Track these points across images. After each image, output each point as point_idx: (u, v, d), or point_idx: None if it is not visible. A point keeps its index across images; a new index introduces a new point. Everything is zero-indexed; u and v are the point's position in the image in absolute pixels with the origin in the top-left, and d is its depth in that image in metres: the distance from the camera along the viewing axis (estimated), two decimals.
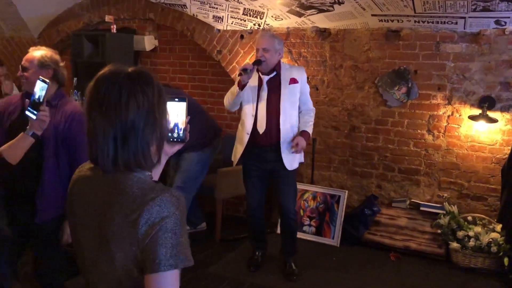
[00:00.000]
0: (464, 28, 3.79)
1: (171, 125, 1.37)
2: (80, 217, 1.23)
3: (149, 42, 5.19)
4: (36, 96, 1.98)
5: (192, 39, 4.96)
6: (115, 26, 4.82)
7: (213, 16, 4.57)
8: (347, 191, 4.30)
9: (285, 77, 3.39)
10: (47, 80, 1.99)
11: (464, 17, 3.64)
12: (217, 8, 4.41)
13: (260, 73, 3.42)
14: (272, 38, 3.39)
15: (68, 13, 5.62)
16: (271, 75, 3.40)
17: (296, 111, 3.43)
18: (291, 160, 3.41)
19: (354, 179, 4.43)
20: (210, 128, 3.98)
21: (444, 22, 3.78)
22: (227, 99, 3.49)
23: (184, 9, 4.58)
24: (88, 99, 1.18)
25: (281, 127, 3.34)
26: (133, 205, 1.11)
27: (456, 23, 3.74)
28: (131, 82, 1.17)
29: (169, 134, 1.36)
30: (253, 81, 3.40)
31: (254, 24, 4.54)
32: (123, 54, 4.83)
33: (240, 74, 3.24)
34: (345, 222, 4.17)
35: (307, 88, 3.50)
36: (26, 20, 5.49)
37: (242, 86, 3.32)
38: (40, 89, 1.98)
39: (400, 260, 3.89)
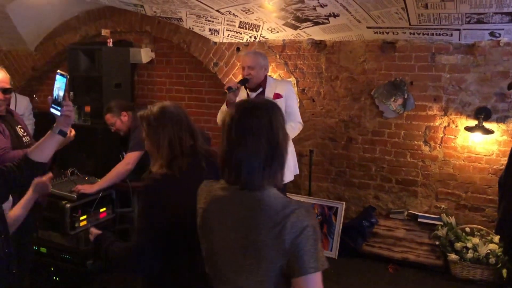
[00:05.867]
0: (459, 40, 3.80)
1: None
2: (218, 233, 1.38)
3: (145, 54, 5.20)
4: (57, 92, 1.90)
5: (188, 51, 4.98)
6: (111, 40, 4.83)
7: (209, 29, 4.58)
8: (344, 203, 4.30)
9: (268, 93, 3.46)
10: (65, 73, 1.91)
11: (459, 29, 3.66)
12: (213, 22, 4.43)
13: (248, 90, 3.50)
14: (256, 55, 3.52)
15: (65, 26, 5.64)
16: (258, 91, 3.49)
17: None
18: None
19: (351, 191, 4.42)
20: None
21: (439, 34, 3.80)
22: (219, 117, 3.54)
23: (180, 22, 4.59)
24: (240, 126, 1.37)
25: None
26: (276, 218, 1.28)
27: (451, 34, 3.76)
28: (276, 111, 1.40)
29: None
30: (242, 98, 3.44)
31: (250, 37, 4.55)
32: (120, 67, 4.83)
33: (225, 93, 3.32)
34: (343, 234, 4.17)
35: (292, 102, 3.52)
36: (22, 34, 5.50)
37: (230, 104, 3.36)
38: (59, 84, 1.90)
39: (399, 272, 3.88)
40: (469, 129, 3.82)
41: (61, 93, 1.89)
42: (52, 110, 1.91)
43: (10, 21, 5.16)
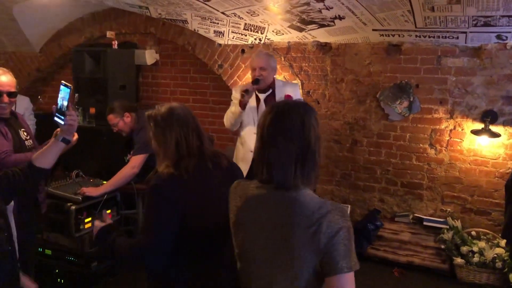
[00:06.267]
0: (465, 43, 3.78)
1: None
2: (251, 231, 1.43)
3: (150, 56, 5.20)
4: (61, 102, 1.98)
5: (193, 53, 4.97)
6: (116, 42, 4.83)
7: (214, 31, 4.58)
8: (349, 206, 4.28)
9: (279, 94, 3.48)
10: (69, 84, 1.99)
11: (465, 32, 3.64)
12: (218, 24, 4.42)
13: (256, 92, 3.50)
14: (268, 56, 3.54)
15: (70, 27, 5.65)
16: (267, 93, 3.50)
17: None
18: None
19: (356, 193, 4.41)
20: None
21: (445, 36, 3.78)
22: (228, 120, 3.54)
23: (185, 24, 4.59)
24: (272, 127, 1.41)
25: None
26: (312, 218, 1.31)
27: (457, 37, 3.74)
28: (309, 113, 1.42)
29: None
30: (251, 101, 3.48)
31: (255, 39, 4.54)
32: (125, 69, 4.84)
33: (242, 95, 3.32)
34: None
35: None
36: (28, 35, 5.51)
37: (244, 106, 3.37)
38: (63, 94, 1.98)
39: (404, 275, 3.85)
40: (475, 132, 3.80)
41: (65, 103, 1.96)
42: (56, 119, 1.99)
43: (16, 22, 5.18)
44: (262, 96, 3.50)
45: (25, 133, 2.78)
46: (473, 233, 3.79)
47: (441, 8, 3.35)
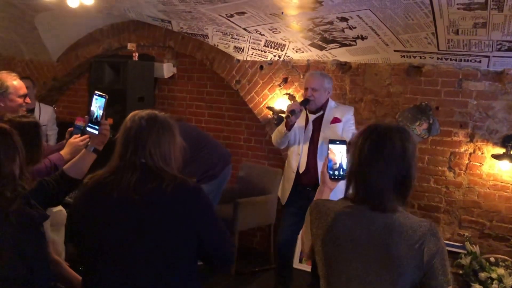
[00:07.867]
0: (488, 67, 3.78)
1: (337, 165, 1.67)
2: (347, 250, 1.45)
3: (167, 69, 5.23)
4: (96, 112, 2.00)
5: (211, 68, 4.99)
6: (137, 54, 4.86)
7: (234, 47, 4.60)
8: None
9: (328, 116, 3.38)
10: (104, 94, 2.01)
11: (488, 56, 3.64)
12: (238, 39, 4.45)
13: (307, 112, 3.42)
14: (321, 77, 3.42)
15: (88, 38, 5.69)
16: (318, 114, 3.41)
17: None
18: None
19: None
20: (219, 158, 3.88)
21: (468, 60, 3.78)
22: (275, 138, 3.48)
23: (206, 39, 4.62)
24: (372, 149, 1.46)
25: (318, 167, 3.28)
26: (415, 236, 1.39)
27: (480, 61, 3.74)
28: (410, 140, 1.49)
29: (331, 172, 1.67)
30: (300, 120, 3.39)
31: (274, 56, 4.56)
32: (143, 81, 4.86)
33: (288, 116, 3.22)
34: None
35: (349, 128, 3.37)
36: (47, 45, 5.56)
37: (290, 127, 3.30)
38: (98, 104, 2.00)
39: None
40: (496, 156, 3.76)
41: (101, 113, 2.00)
42: (89, 129, 2.02)
43: (36, 31, 5.23)
44: (311, 117, 3.41)
45: None
46: (492, 259, 3.73)
47: (466, 32, 3.36)
